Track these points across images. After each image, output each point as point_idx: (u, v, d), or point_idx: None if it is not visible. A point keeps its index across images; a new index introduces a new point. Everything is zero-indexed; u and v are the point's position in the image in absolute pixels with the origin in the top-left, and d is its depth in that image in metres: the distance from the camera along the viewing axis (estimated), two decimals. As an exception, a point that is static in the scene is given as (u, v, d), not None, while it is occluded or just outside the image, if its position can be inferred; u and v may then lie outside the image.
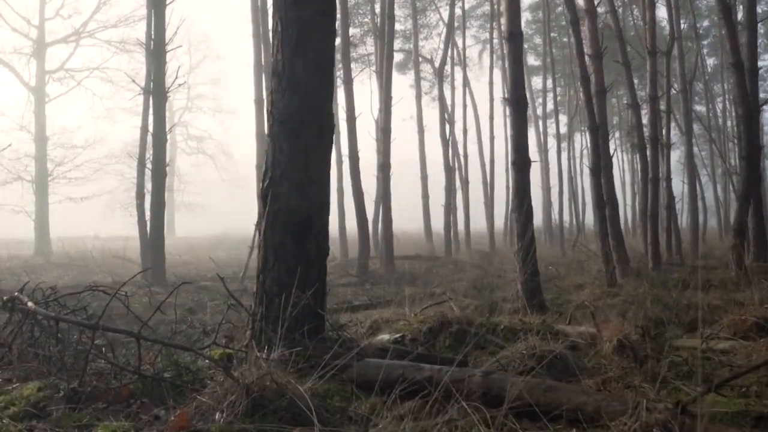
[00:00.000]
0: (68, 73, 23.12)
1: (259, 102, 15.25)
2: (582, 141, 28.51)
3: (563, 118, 28.21)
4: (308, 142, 3.62)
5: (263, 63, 14.92)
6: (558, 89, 26.40)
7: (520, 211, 6.78)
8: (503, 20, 7.86)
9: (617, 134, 32.79)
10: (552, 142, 25.29)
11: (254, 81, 15.36)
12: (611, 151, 10.41)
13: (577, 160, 26.62)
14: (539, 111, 28.04)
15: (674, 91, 16.91)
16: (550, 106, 26.32)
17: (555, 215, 24.77)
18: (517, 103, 6.79)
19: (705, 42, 28.52)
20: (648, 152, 12.24)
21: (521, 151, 6.84)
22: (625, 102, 13.51)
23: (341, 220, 18.12)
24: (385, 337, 3.58)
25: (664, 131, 14.08)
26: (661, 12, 21.62)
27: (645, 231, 12.28)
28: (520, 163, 6.81)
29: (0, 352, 3.57)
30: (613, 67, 15.22)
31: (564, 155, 24.40)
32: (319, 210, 3.59)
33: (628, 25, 20.46)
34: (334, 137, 3.90)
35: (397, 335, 3.63)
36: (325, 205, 3.66)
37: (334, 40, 3.86)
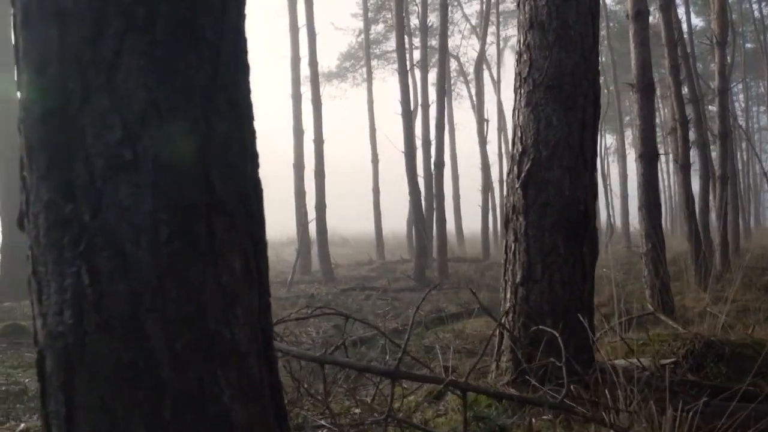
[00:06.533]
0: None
1: (296, 97, 14.58)
2: (606, 138, 28.00)
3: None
4: (584, 113, 2.87)
5: (302, 56, 14.29)
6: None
7: (649, 208, 6.16)
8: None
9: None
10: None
11: (291, 75, 14.68)
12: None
13: (605, 156, 26.08)
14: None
15: (712, 87, 16.41)
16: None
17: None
18: (645, 89, 6.17)
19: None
20: (718, 149, 11.68)
21: (649, 142, 6.21)
22: (686, 97, 12.87)
23: (377, 220, 17.43)
24: (632, 361, 2.92)
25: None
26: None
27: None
28: (648, 156, 6.18)
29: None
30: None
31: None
32: (593, 202, 2.88)
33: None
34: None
35: (668, 360, 2.97)
36: (596, 196, 2.96)
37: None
